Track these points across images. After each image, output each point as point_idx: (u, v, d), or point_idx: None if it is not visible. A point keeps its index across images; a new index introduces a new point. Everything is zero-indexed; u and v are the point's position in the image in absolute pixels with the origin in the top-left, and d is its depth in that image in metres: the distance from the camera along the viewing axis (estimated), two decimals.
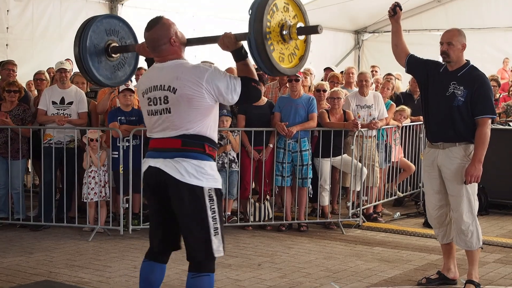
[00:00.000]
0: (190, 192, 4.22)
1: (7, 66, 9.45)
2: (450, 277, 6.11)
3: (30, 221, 8.40)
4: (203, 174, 4.24)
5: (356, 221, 8.72)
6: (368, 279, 6.35)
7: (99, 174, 8.18)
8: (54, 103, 8.52)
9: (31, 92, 10.25)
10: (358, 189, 8.73)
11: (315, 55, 4.51)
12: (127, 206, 8.03)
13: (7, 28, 12.24)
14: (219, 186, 4.35)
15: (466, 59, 5.85)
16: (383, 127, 9.11)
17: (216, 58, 9.81)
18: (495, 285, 6.20)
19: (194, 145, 4.25)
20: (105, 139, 8.37)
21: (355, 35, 20.28)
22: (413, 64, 6.05)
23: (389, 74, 11.33)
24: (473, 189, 5.81)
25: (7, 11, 12.19)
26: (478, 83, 5.71)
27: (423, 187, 8.40)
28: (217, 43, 4.38)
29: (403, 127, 9.70)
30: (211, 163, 4.33)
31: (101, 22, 5.01)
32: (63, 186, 8.59)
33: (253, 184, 8.99)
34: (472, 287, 5.86)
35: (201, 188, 4.23)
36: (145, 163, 4.42)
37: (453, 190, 5.80)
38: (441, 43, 5.81)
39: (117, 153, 8.11)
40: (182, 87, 4.19)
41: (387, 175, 9.60)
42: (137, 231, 8.08)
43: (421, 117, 8.94)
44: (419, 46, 13.31)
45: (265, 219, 8.56)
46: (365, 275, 6.48)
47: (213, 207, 4.25)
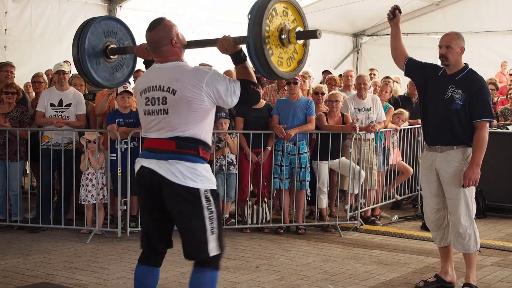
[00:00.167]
0: (186, 193, 4.22)
1: (5, 67, 9.46)
2: (447, 280, 6.10)
3: (28, 223, 8.39)
4: (197, 176, 4.24)
5: (354, 224, 8.72)
6: (366, 282, 6.35)
7: (97, 176, 8.18)
8: (52, 105, 8.51)
9: (29, 94, 10.24)
10: (356, 192, 8.73)
11: (313, 58, 4.51)
12: (125, 208, 8.02)
13: (5, 29, 12.22)
14: (214, 187, 4.35)
15: (464, 63, 5.85)
16: (381, 130, 9.12)
17: (215, 60, 9.79)
18: None
19: (188, 148, 4.25)
20: (103, 141, 8.36)
21: (354, 38, 20.29)
22: (411, 67, 6.06)
23: (387, 77, 11.32)
24: (471, 192, 5.82)
25: (5, 12, 12.17)
26: (476, 87, 5.71)
27: (421, 190, 8.41)
28: (216, 46, 4.39)
29: (401, 130, 9.71)
30: (205, 165, 4.33)
31: (100, 23, 5.02)
32: (61, 188, 8.58)
33: (251, 186, 8.98)
34: None
35: (197, 189, 4.23)
36: (138, 163, 4.40)
37: (451, 193, 5.80)
38: (440, 46, 5.82)
39: (115, 155, 8.11)
40: (182, 89, 4.18)
41: (385, 178, 9.60)
42: (135, 233, 8.06)
43: (419, 120, 8.94)
44: (417, 49, 13.31)
45: (263, 221, 8.55)
46: (363, 278, 6.47)
47: (210, 207, 4.26)
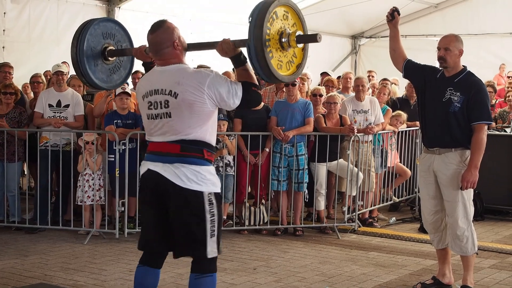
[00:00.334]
0: (190, 197, 4.23)
1: (3, 68, 9.45)
2: (445, 282, 6.11)
3: (25, 224, 8.38)
4: (202, 179, 4.25)
5: (351, 225, 8.72)
6: (363, 283, 6.35)
7: (94, 177, 8.17)
8: (50, 106, 8.51)
9: (27, 94, 10.23)
10: (354, 194, 8.73)
11: (312, 60, 4.51)
12: (123, 209, 8.02)
13: (4, 30, 12.21)
14: (218, 190, 4.37)
15: (463, 65, 5.86)
16: (379, 132, 9.12)
17: (214, 62, 9.80)
18: None
19: (193, 151, 4.25)
20: (101, 142, 8.36)
21: (352, 40, 20.31)
22: (410, 69, 6.06)
23: (385, 79, 11.33)
24: (469, 194, 5.82)
25: (4, 13, 12.15)
26: (474, 89, 5.72)
27: (418, 192, 8.41)
28: (216, 49, 4.39)
29: (399, 132, 9.71)
30: (210, 167, 4.35)
31: (98, 25, 5.03)
32: (59, 189, 8.57)
33: (249, 188, 8.98)
34: None
35: (201, 193, 4.24)
36: (144, 166, 4.41)
37: (449, 195, 5.81)
38: (438, 49, 5.82)
39: (113, 156, 8.11)
40: (183, 92, 4.18)
41: (383, 180, 9.60)
42: (133, 234, 8.06)
43: (417, 123, 8.94)
44: (416, 51, 13.37)
45: (261, 223, 8.56)
46: (360, 279, 6.48)
47: (212, 210, 4.27)
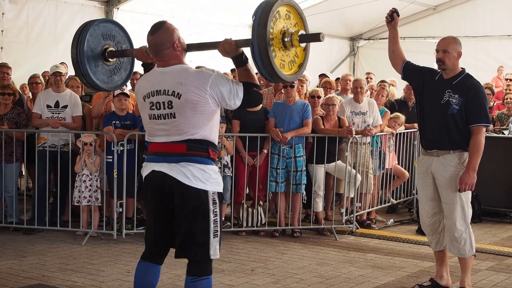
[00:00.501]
0: (196, 195, 4.25)
1: (1, 69, 9.45)
2: (442, 284, 6.11)
3: (23, 225, 8.38)
4: (208, 178, 4.28)
5: (349, 227, 8.72)
6: (361, 285, 6.35)
7: (91, 178, 8.16)
8: (48, 106, 8.51)
9: (25, 95, 10.22)
10: (352, 195, 8.73)
11: (310, 62, 4.52)
12: (121, 210, 8.02)
13: (2, 31, 12.22)
14: (221, 190, 4.40)
15: (461, 67, 5.86)
16: (378, 134, 9.13)
17: (212, 62, 9.80)
18: None
19: (199, 150, 4.27)
20: (99, 143, 8.36)
21: (351, 42, 20.32)
22: (409, 71, 6.06)
23: (383, 81, 11.34)
24: (467, 196, 5.82)
25: (2, 14, 12.16)
26: (473, 92, 5.72)
27: (416, 194, 8.41)
28: (217, 49, 4.40)
29: (397, 134, 9.72)
30: (214, 167, 4.38)
31: (98, 26, 5.03)
32: (56, 189, 8.57)
33: (247, 189, 8.98)
34: None
35: (206, 191, 4.27)
36: (148, 167, 4.40)
37: (447, 197, 5.81)
38: (437, 51, 5.82)
39: (111, 157, 8.10)
40: (186, 93, 4.19)
41: (381, 182, 9.61)
42: (131, 235, 8.07)
43: (416, 125, 8.95)
44: (414, 53, 13.34)
45: (259, 224, 8.56)
46: (358, 281, 6.48)
47: (216, 210, 4.31)
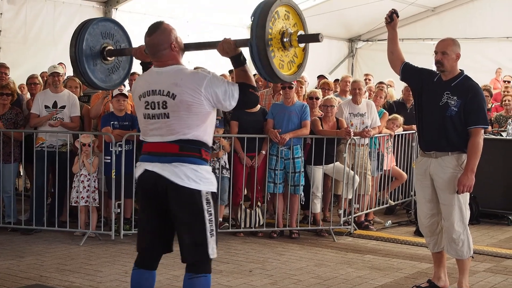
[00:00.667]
0: (189, 195, 4.25)
1: None
2: (440, 285, 6.11)
3: (21, 225, 8.38)
4: (200, 178, 4.27)
5: (347, 228, 8.72)
6: (358, 286, 6.36)
7: (89, 178, 8.15)
8: (46, 107, 8.49)
9: (23, 95, 10.21)
10: (350, 197, 8.73)
11: (308, 63, 4.54)
12: (119, 211, 8.01)
13: (0, 31, 12.20)
14: (215, 189, 4.39)
15: (460, 69, 5.86)
16: (376, 135, 9.13)
17: (210, 63, 9.82)
18: None
19: (191, 150, 4.27)
20: (97, 144, 8.35)
21: (349, 43, 20.34)
22: (408, 72, 6.06)
23: (382, 82, 11.34)
24: (465, 198, 5.82)
25: (0, 14, 12.16)
26: (471, 93, 5.72)
27: (414, 195, 8.42)
28: (216, 49, 4.40)
29: (395, 135, 9.73)
30: (207, 167, 4.37)
31: (97, 24, 5.04)
32: (54, 190, 8.56)
33: (245, 190, 8.98)
34: None
35: (199, 191, 4.26)
36: (140, 167, 4.41)
37: (445, 199, 5.81)
38: (436, 53, 5.83)
39: (109, 158, 8.09)
40: (181, 93, 4.19)
41: (379, 183, 9.61)
42: (129, 236, 8.06)
43: (414, 126, 8.98)
44: (413, 55, 13.33)
45: (257, 225, 8.56)
46: (356, 282, 6.48)
47: (210, 210, 4.29)
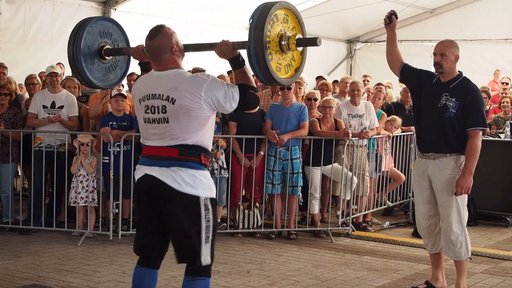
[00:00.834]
0: (187, 201, 4.22)
1: None
2: (438, 287, 6.11)
3: (19, 225, 8.36)
4: (199, 183, 4.25)
5: (345, 230, 8.72)
6: (356, 287, 6.36)
7: (88, 179, 8.15)
8: (44, 107, 8.48)
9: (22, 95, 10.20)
10: (348, 198, 8.73)
11: (307, 64, 4.54)
12: (117, 211, 8.01)
13: None
14: (214, 195, 4.36)
15: (459, 71, 5.87)
16: (374, 136, 9.13)
17: (209, 64, 9.80)
18: None
19: (190, 155, 4.25)
20: (96, 144, 8.35)
21: (348, 45, 20.36)
22: (406, 73, 6.07)
23: (380, 83, 11.34)
24: (463, 200, 5.83)
25: None
26: (470, 95, 5.73)
27: (412, 197, 8.42)
28: (214, 51, 4.39)
29: (393, 137, 9.73)
30: (206, 172, 4.35)
31: (96, 23, 5.04)
32: (52, 190, 8.56)
33: (244, 191, 8.98)
34: None
35: (198, 197, 4.24)
36: (140, 170, 4.39)
37: (443, 200, 5.81)
38: (434, 54, 5.83)
39: (107, 158, 8.09)
40: (181, 98, 4.17)
41: (377, 185, 9.61)
42: (127, 236, 8.05)
43: (412, 128, 8.98)
44: (411, 56, 13.35)
45: (255, 226, 8.56)
46: (354, 283, 6.48)
47: (208, 216, 4.26)
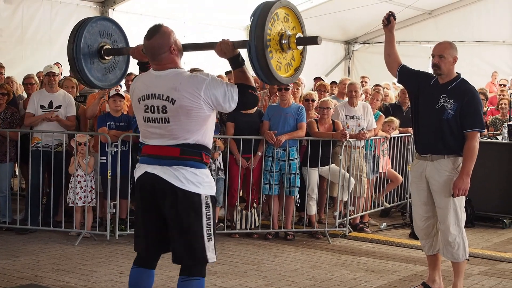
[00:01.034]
0: (189, 199, 4.24)
1: None
2: None
3: (16, 225, 8.36)
4: (200, 181, 4.27)
5: (342, 231, 8.72)
6: None
7: (86, 179, 8.14)
8: (42, 107, 8.47)
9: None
10: (345, 199, 8.73)
11: (305, 65, 4.56)
12: (114, 211, 8.01)
13: None
14: (214, 193, 4.39)
15: (457, 72, 5.87)
16: (372, 138, 9.13)
17: (207, 64, 9.81)
18: None
19: (192, 154, 4.27)
20: (93, 144, 8.34)
21: (346, 46, 20.38)
22: (404, 75, 6.07)
23: (378, 85, 11.35)
24: (461, 201, 5.83)
25: None
26: (468, 97, 5.73)
27: (410, 198, 8.42)
28: (214, 50, 4.39)
29: (391, 138, 9.73)
30: (207, 170, 4.37)
31: (96, 23, 5.05)
32: (50, 190, 8.55)
33: (241, 192, 8.98)
34: None
35: (199, 195, 4.26)
36: (140, 169, 4.39)
37: (441, 202, 5.82)
38: (433, 56, 5.84)
39: (105, 158, 8.09)
40: (180, 98, 4.18)
41: (374, 186, 9.62)
42: (124, 236, 8.06)
43: (410, 129, 8.97)
44: (409, 57, 13.39)
45: (252, 227, 8.55)
46: (351, 284, 6.48)
47: (209, 214, 4.30)
